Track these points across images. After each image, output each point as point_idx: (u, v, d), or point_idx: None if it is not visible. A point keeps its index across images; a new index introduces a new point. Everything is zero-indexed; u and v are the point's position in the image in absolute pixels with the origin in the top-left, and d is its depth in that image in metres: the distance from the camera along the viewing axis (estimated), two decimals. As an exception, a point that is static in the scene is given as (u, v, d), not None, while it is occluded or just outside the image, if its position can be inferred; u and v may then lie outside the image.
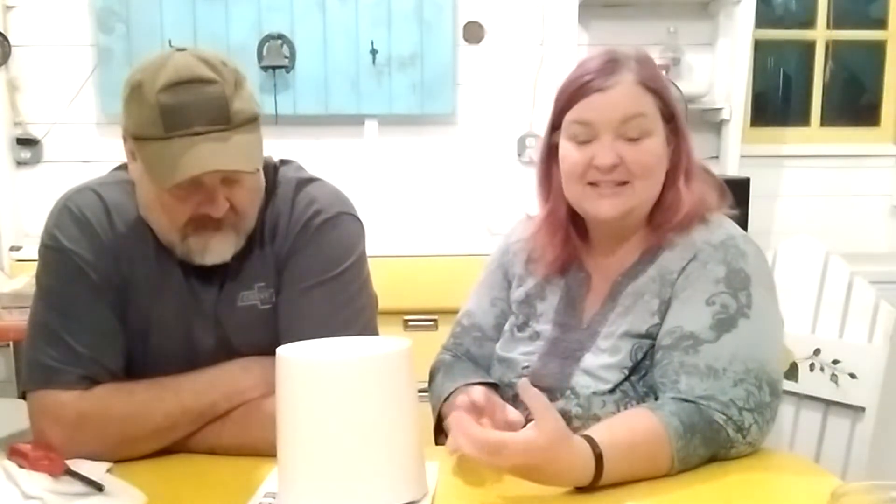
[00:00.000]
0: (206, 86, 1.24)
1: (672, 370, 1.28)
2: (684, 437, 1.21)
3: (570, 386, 1.35)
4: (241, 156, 1.26)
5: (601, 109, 1.34)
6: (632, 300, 1.36)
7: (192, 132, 1.23)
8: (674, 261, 1.35)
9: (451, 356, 1.55)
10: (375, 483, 1.09)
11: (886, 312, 1.57)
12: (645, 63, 1.37)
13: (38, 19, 3.32)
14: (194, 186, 1.27)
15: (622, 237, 1.42)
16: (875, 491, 0.97)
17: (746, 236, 1.38)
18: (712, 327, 1.29)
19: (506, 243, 1.57)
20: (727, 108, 3.37)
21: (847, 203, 3.60)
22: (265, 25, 3.31)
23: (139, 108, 1.26)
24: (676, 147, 1.39)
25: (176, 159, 1.23)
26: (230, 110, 1.25)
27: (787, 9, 3.77)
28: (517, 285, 1.51)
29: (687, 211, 1.37)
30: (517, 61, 3.43)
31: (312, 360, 1.11)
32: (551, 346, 1.41)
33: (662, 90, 1.37)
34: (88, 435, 1.27)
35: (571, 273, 1.45)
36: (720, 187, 1.44)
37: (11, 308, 2.54)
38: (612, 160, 1.33)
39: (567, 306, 1.43)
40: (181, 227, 1.31)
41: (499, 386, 1.43)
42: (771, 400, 1.28)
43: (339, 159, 3.39)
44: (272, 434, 1.13)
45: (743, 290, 1.31)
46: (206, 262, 1.34)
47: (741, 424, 1.25)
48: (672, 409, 1.24)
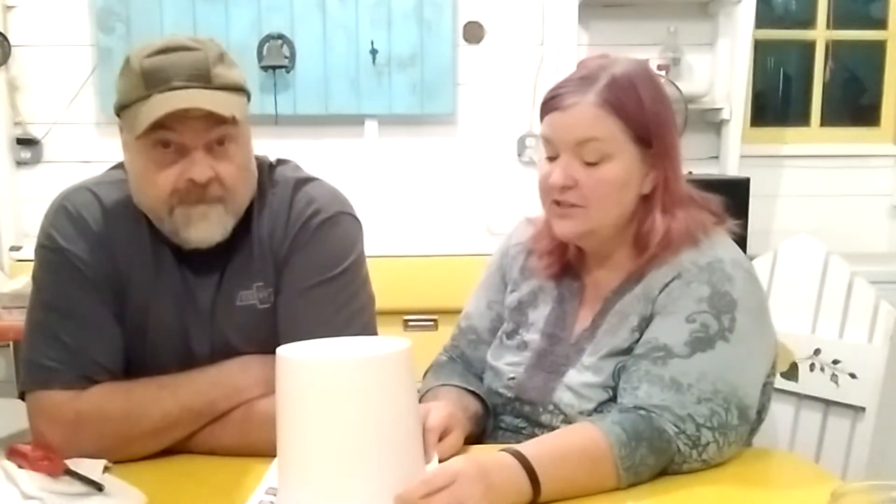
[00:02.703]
0: (188, 52, 1.28)
1: (636, 377, 1.27)
2: (628, 444, 1.18)
3: (553, 401, 1.35)
4: (216, 103, 1.27)
5: (559, 129, 1.32)
6: (617, 319, 1.35)
7: (170, 87, 1.25)
8: (658, 279, 1.33)
9: (446, 357, 1.55)
10: (375, 483, 1.08)
11: (886, 312, 1.56)
12: (620, 81, 1.30)
13: (38, 19, 3.32)
14: (179, 151, 1.27)
15: (604, 254, 1.40)
16: (875, 491, 0.97)
17: (737, 261, 1.33)
18: (687, 343, 1.26)
19: (506, 245, 1.56)
20: (727, 108, 3.37)
21: (847, 203, 3.60)
22: (265, 25, 3.31)
23: (126, 78, 1.29)
24: (658, 173, 1.33)
25: (152, 108, 1.24)
26: (210, 72, 1.28)
27: (787, 9, 3.77)
28: (511, 290, 1.51)
29: (665, 237, 1.33)
30: (517, 61, 3.43)
31: (312, 360, 1.10)
32: (538, 359, 1.41)
33: (631, 113, 1.30)
34: (86, 435, 1.27)
35: (566, 282, 1.44)
36: (716, 209, 1.39)
37: (11, 308, 2.54)
38: (563, 181, 1.31)
39: (558, 318, 1.42)
40: (167, 198, 1.29)
41: (477, 393, 1.43)
42: (739, 424, 1.25)
43: (339, 159, 3.39)
44: (272, 434, 1.12)
45: (727, 313, 1.27)
46: (192, 239, 1.32)
47: (697, 441, 1.22)
48: (614, 418, 1.22)
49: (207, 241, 1.32)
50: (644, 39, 3.36)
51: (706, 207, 1.38)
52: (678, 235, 1.33)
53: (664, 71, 3.30)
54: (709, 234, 1.35)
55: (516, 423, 1.41)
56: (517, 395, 1.39)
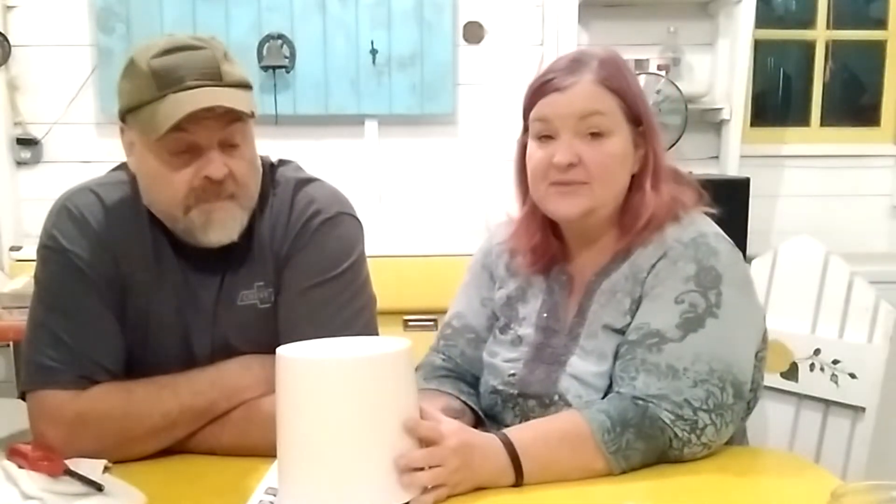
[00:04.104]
0: (195, 51, 1.28)
1: (633, 366, 1.28)
2: (612, 430, 1.21)
3: (558, 391, 1.35)
4: (234, 100, 1.28)
5: (560, 107, 1.34)
6: (606, 297, 1.36)
7: (184, 87, 1.25)
8: (645, 258, 1.35)
9: (441, 358, 1.52)
10: (375, 483, 1.09)
11: (886, 312, 1.57)
12: (608, 63, 1.36)
13: (38, 19, 3.32)
14: (193, 151, 1.28)
15: (591, 238, 1.41)
16: (875, 491, 0.97)
17: (719, 234, 1.36)
18: (679, 326, 1.28)
19: (489, 245, 1.57)
20: (727, 108, 3.37)
21: (847, 203, 3.59)
22: (265, 25, 3.31)
23: (132, 79, 1.29)
24: (645, 151, 1.38)
25: (170, 108, 1.24)
26: (220, 69, 1.28)
27: (787, 9, 3.77)
28: (499, 287, 1.51)
29: (652, 214, 1.36)
30: (517, 61, 3.43)
31: (312, 360, 1.10)
32: (536, 352, 1.41)
33: (625, 90, 1.35)
34: (87, 435, 1.27)
35: (553, 275, 1.45)
36: (695, 188, 1.43)
37: (11, 308, 2.55)
38: (570, 158, 1.33)
39: (550, 310, 1.43)
40: (182, 198, 1.30)
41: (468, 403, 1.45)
42: (734, 402, 1.27)
43: (339, 159, 3.39)
44: (272, 435, 1.12)
45: (713, 288, 1.30)
46: (210, 241, 1.33)
47: (695, 424, 1.24)
48: (601, 406, 1.26)
49: (225, 240, 1.33)
50: (644, 39, 3.35)
51: (689, 184, 1.42)
52: (664, 212, 1.37)
53: (664, 71, 3.30)
54: (688, 210, 1.39)
55: (518, 423, 1.40)
56: (521, 391, 1.39)
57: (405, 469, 1.09)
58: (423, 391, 1.41)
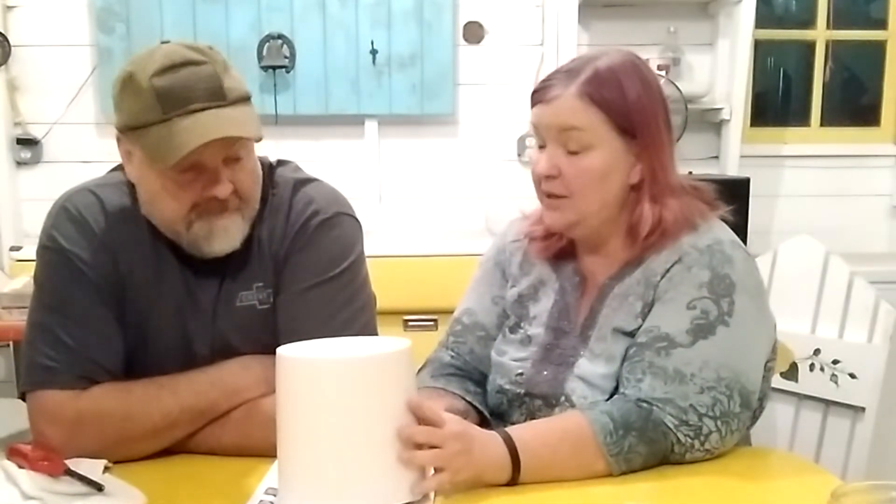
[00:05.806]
0: (197, 66, 1.26)
1: (640, 368, 1.28)
2: (615, 432, 1.21)
3: (565, 392, 1.35)
4: (241, 124, 1.27)
5: (544, 118, 1.35)
6: (618, 302, 1.36)
7: (190, 110, 1.24)
8: (659, 263, 1.34)
9: (450, 355, 1.51)
10: (375, 483, 1.09)
11: (886, 312, 1.56)
12: (602, 74, 1.32)
13: (38, 19, 3.32)
14: (197, 169, 1.27)
15: (595, 244, 1.41)
16: (875, 491, 0.97)
17: (736, 242, 1.35)
18: (689, 332, 1.28)
19: (502, 242, 1.56)
20: (727, 108, 3.37)
21: (847, 203, 3.59)
22: (265, 25, 3.31)
23: (133, 97, 1.26)
24: (645, 164, 1.35)
25: (178, 136, 1.23)
26: (224, 87, 1.27)
27: (787, 9, 3.77)
28: (511, 285, 1.51)
29: (659, 226, 1.34)
30: (517, 61, 3.43)
31: (312, 360, 1.11)
32: (545, 353, 1.41)
33: (614, 103, 1.31)
34: (87, 435, 1.27)
35: (566, 275, 1.45)
36: (709, 198, 1.40)
37: (11, 308, 2.55)
38: (548, 170, 1.34)
39: (561, 311, 1.43)
40: (186, 214, 1.30)
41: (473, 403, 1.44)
42: (741, 411, 1.27)
43: (339, 159, 3.39)
44: (272, 435, 1.12)
45: (726, 296, 1.29)
46: (214, 251, 1.33)
47: (699, 430, 1.24)
48: (605, 408, 1.25)
49: (227, 249, 1.34)
50: (644, 39, 3.35)
51: (699, 197, 1.40)
52: (674, 223, 1.35)
53: (664, 71, 3.30)
54: (706, 218, 1.38)
55: (524, 422, 1.40)
56: (527, 391, 1.39)
57: (406, 441, 1.09)
58: (427, 390, 1.42)
